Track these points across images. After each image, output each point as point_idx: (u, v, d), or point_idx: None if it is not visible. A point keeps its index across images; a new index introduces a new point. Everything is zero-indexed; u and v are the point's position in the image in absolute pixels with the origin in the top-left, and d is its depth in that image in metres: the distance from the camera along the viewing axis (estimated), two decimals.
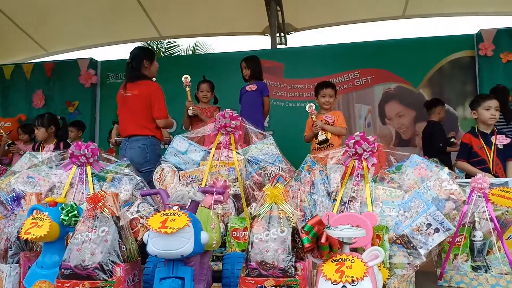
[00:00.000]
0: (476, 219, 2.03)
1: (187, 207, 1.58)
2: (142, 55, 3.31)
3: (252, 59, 3.87)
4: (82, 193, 2.33)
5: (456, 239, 2.00)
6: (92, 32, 6.27)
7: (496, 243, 1.95)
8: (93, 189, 2.35)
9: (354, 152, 2.09)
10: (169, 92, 5.71)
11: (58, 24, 5.94)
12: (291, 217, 1.57)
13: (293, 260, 1.50)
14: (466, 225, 2.02)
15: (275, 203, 1.59)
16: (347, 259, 1.40)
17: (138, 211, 2.33)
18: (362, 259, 1.39)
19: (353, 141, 2.10)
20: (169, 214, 1.51)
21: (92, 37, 6.44)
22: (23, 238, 1.64)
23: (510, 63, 4.90)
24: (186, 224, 1.46)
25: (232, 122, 2.48)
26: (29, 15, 5.63)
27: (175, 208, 1.54)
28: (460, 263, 1.99)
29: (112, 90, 5.80)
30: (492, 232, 1.96)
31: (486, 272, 1.96)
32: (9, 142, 4.86)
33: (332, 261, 1.40)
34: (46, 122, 4.11)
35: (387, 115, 5.30)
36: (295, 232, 1.56)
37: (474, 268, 1.99)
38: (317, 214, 1.50)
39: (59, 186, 2.35)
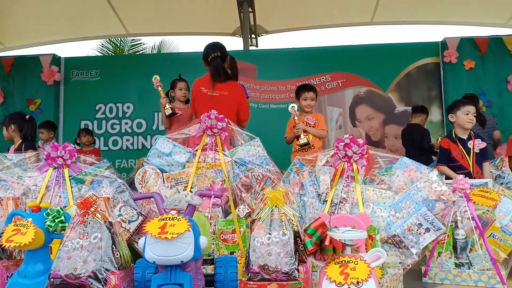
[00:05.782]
0: (459, 218, 2.11)
1: (184, 211, 1.53)
2: (225, 51, 3.16)
3: (234, 59, 3.71)
4: (60, 196, 2.20)
5: (440, 237, 2.07)
6: (55, 26, 5.94)
7: (478, 240, 2.04)
8: (71, 192, 2.23)
9: (344, 155, 2.11)
10: (137, 91, 5.60)
11: (18, 17, 5.58)
12: (292, 220, 1.56)
13: (296, 263, 1.49)
14: (449, 224, 2.10)
15: (276, 206, 1.58)
16: (350, 261, 1.40)
17: (120, 215, 2.24)
18: (365, 260, 1.40)
19: (343, 143, 2.12)
20: (167, 219, 1.45)
21: (55, 32, 6.11)
22: (5, 246, 1.52)
23: (472, 70, 5.19)
24: (187, 229, 1.41)
25: (218, 123, 2.44)
26: None
27: (173, 212, 1.48)
28: (444, 260, 2.07)
29: (77, 88, 5.57)
30: (474, 230, 2.05)
31: (469, 268, 2.05)
32: None
33: (335, 263, 1.40)
34: (7, 121, 3.87)
35: (357, 118, 5.45)
36: (296, 234, 1.55)
37: (458, 265, 2.08)
38: (320, 216, 1.50)
39: (34, 190, 2.20)
